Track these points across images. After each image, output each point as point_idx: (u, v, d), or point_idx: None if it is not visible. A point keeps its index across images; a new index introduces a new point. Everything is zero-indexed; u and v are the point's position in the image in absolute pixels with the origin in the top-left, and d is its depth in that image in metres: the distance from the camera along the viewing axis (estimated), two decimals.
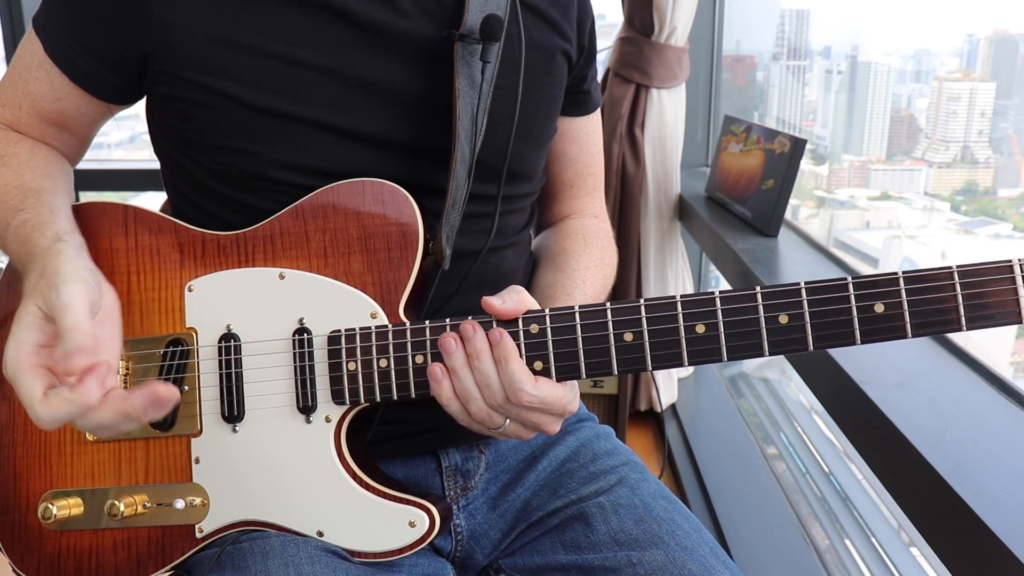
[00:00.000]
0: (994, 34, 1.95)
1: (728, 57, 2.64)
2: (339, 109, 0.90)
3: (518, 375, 0.80)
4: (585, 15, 1.07)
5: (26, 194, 0.91)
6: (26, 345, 0.76)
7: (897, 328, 0.75)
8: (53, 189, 0.93)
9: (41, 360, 0.77)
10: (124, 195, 3.12)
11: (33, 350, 0.77)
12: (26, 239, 0.85)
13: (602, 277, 1.07)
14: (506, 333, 0.81)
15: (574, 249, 1.08)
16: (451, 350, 0.82)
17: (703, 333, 0.78)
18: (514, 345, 0.81)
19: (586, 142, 1.16)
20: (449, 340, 0.82)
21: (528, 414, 0.83)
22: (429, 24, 0.92)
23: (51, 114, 0.97)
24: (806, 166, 2.11)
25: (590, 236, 1.11)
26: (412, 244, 0.88)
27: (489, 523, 1.03)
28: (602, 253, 1.10)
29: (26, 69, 0.96)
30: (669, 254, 2.37)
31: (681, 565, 0.88)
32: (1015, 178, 1.97)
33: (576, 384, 0.86)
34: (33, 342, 0.77)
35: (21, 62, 0.96)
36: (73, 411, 0.75)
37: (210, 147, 0.92)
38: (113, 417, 0.76)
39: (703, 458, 2.19)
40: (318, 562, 0.85)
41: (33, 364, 0.76)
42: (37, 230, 0.85)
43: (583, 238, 1.10)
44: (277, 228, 0.91)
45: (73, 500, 0.93)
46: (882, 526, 1.68)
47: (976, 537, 0.80)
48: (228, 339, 0.90)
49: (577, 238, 1.10)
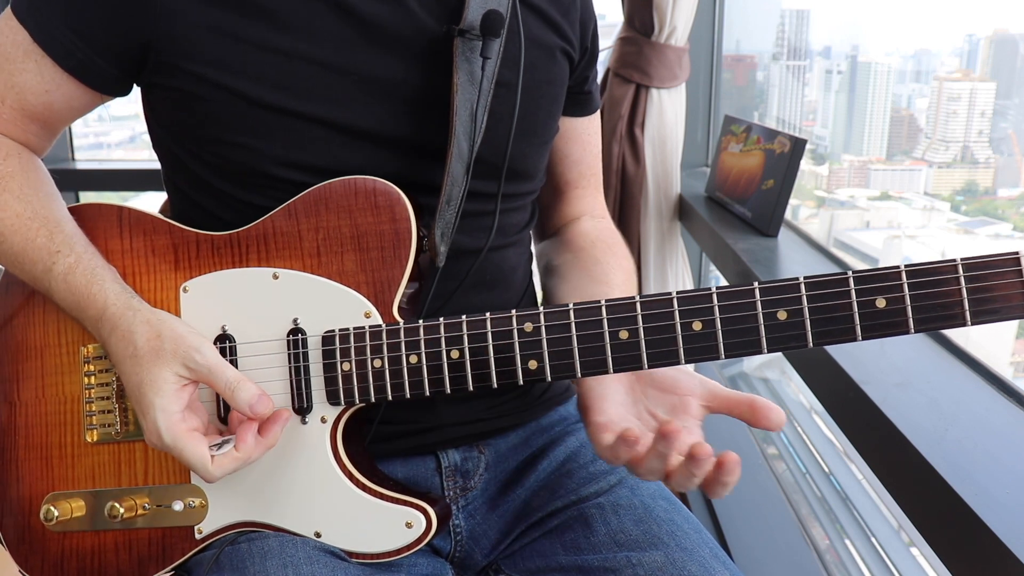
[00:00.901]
0: (994, 34, 1.95)
1: (728, 57, 2.64)
2: (339, 104, 0.90)
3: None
4: (588, 17, 1.07)
5: (50, 229, 0.91)
6: (175, 414, 0.82)
7: (899, 323, 0.72)
8: (63, 211, 0.94)
9: (191, 425, 0.84)
10: (124, 195, 3.12)
11: (182, 417, 0.83)
12: (86, 293, 0.88)
13: (632, 285, 1.07)
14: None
15: (605, 259, 1.08)
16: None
17: (700, 330, 0.77)
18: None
19: (588, 142, 1.16)
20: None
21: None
22: (430, 19, 0.92)
23: (36, 108, 0.94)
24: (806, 166, 2.11)
25: (614, 244, 1.12)
26: (405, 242, 0.88)
27: (488, 523, 1.02)
28: (628, 262, 1.11)
29: (8, 60, 0.91)
30: (669, 254, 2.36)
31: (681, 566, 0.88)
32: (1015, 178, 1.96)
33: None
34: (179, 409, 0.83)
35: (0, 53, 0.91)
36: (240, 465, 0.83)
37: (209, 140, 0.91)
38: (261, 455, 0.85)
39: None
40: (316, 562, 0.85)
41: (189, 430, 0.83)
42: (94, 281, 0.88)
43: (608, 246, 1.11)
44: (270, 228, 0.90)
45: (75, 502, 0.93)
46: (882, 526, 1.68)
47: (976, 537, 0.79)
48: (223, 340, 0.90)
49: (603, 247, 1.10)
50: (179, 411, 0.83)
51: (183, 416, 0.83)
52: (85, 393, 0.94)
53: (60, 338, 0.96)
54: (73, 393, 0.95)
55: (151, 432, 0.82)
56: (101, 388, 0.94)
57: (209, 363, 0.83)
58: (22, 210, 0.92)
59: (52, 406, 0.95)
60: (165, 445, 0.82)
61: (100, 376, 0.94)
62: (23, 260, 0.91)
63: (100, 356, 0.94)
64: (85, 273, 0.89)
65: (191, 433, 0.82)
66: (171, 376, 0.83)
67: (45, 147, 1.02)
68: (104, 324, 0.87)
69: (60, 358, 0.95)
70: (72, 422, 0.95)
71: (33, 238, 0.90)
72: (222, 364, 0.84)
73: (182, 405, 0.83)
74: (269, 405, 0.84)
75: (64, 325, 0.96)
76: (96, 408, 0.94)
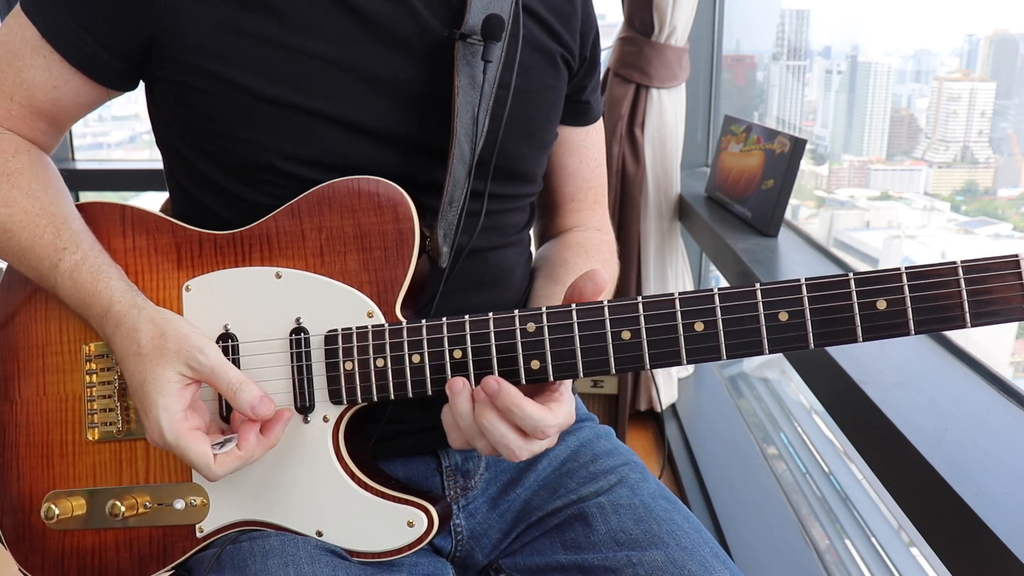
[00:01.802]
0: (994, 34, 1.95)
1: (728, 57, 2.64)
2: (342, 101, 0.90)
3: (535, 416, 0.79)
4: (588, 27, 1.07)
5: (57, 225, 0.91)
6: (178, 413, 0.83)
7: (900, 325, 0.73)
8: (71, 209, 0.94)
9: (193, 424, 0.84)
10: (124, 195, 3.12)
11: (184, 416, 0.83)
12: (92, 290, 0.88)
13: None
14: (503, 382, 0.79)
15: (575, 261, 1.07)
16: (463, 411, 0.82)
17: (702, 331, 0.77)
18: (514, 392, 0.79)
19: (586, 155, 1.15)
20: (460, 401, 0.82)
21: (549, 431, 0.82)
22: (433, 20, 0.92)
23: (44, 104, 0.95)
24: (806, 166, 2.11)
25: (592, 248, 1.11)
26: (408, 242, 0.88)
27: (489, 523, 1.03)
28: (603, 266, 1.10)
29: (17, 57, 0.92)
30: (669, 254, 2.37)
31: (681, 565, 0.88)
32: (1015, 178, 1.97)
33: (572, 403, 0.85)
34: (181, 408, 0.83)
35: (9, 49, 0.92)
36: (242, 464, 0.84)
37: (212, 135, 0.91)
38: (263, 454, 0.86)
39: (703, 458, 2.18)
40: (317, 562, 0.85)
41: (191, 429, 0.83)
42: (100, 278, 0.88)
43: (585, 250, 1.10)
44: (273, 227, 0.90)
45: (75, 500, 0.93)
46: (882, 526, 1.68)
47: (976, 537, 0.79)
48: (226, 339, 0.90)
49: (579, 250, 1.10)
50: (181, 410, 0.83)
51: (185, 415, 0.83)
52: (86, 391, 0.94)
53: (62, 336, 0.96)
54: (74, 391, 0.95)
55: (154, 431, 0.83)
56: (103, 387, 0.94)
57: (212, 364, 0.84)
58: (30, 206, 0.92)
59: (53, 404, 0.95)
60: (168, 444, 0.82)
61: (102, 374, 0.94)
62: (30, 256, 0.91)
63: (102, 354, 0.94)
64: (91, 270, 0.89)
65: (193, 432, 0.83)
66: (174, 375, 0.83)
67: (53, 144, 1.02)
68: (108, 321, 0.87)
69: (61, 356, 0.96)
70: (73, 420, 0.95)
71: (40, 235, 0.90)
72: (225, 365, 0.84)
73: (184, 404, 0.83)
74: (271, 407, 0.84)
75: (65, 323, 0.96)
76: (97, 406, 0.94)
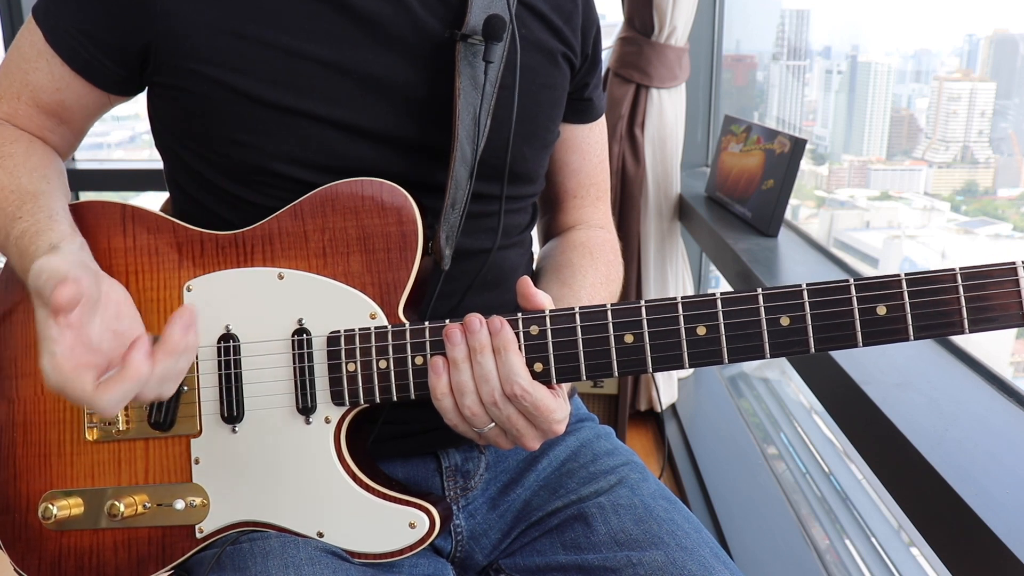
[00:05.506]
0: (994, 34, 1.96)
1: (728, 57, 2.64)
2: (341, 103, 0.90)
3: (516, 366, 0.80)
4: (590, 24, 1.07)
5: (23, 199, 0.90)
6: (58, 354, 0.73)
7: (899, 330, 0.74)
8: (50, 191, 0.92)
9: (80, 360, 0.74)
10: (124, 195, 3.12)
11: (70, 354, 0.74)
12: (24, 251, 0.84)
13: (608, 293, 1.06)
14: (506, 323, 0.81)
15: (581, 264, 1.07)
16: (456, 341, 0.81)
17: (704, 335, 0.78)
18: (514, 336, 0.81)
19: (588, 152, 1.15)
20: (455, 331, 0.81)
21: (516, 419, 0.82)
22: (433, 20, 0.92)
23: (50, 105, 0.97)
24: (806, 166, 2.11)
25: (597, 250, 1.11)
26: (411, 244, 0.88)
27: (489, 523, 1.03)
28: (608, 268, 1.09)
29: (25, 60, 0.95)
30: (669, 254, 2.37)
31: (681, 565, 0.88)
32: (1015, 178, 1.97)
33: (568, 407, 0.86)
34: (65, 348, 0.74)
35: (19, 53, 0.96)
36: (129, 387, 0.73)
37: (211, 138, 0.91)
38: (166, 366, 0.75)
39: (703, 458, 2.18)
40: (318, 563, 0.85)
41: (75, 366, 0.73)
42: (34, 240, 0.83)
43: (590, 252, 1.10)
44: (276, 228, 0.90)
45: (73, 500, 0.93)
46: (882, 526, 1.68)
47: (976, 537, 0.80)
48: (227, 339, 0.90)
49: (584, 252, 1.09)
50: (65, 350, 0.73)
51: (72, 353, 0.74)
52: None
53: None
54: None
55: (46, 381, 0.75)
56: None
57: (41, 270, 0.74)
58: (7, 182, 0.92)
59: (51, 403, 0.95)
60: (54, 388, 0.74)
61: None
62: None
63: None
64: (34, 235, 0.84)
65: (75, 368, 0.73)
66: (42, 315, 0.75)
67: (66, 146, 1.03)
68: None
69: None
70: (71, 420, 0.95)
71: (4, 207, 0.90)
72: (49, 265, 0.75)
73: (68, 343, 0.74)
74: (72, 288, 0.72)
75: None
76: None
